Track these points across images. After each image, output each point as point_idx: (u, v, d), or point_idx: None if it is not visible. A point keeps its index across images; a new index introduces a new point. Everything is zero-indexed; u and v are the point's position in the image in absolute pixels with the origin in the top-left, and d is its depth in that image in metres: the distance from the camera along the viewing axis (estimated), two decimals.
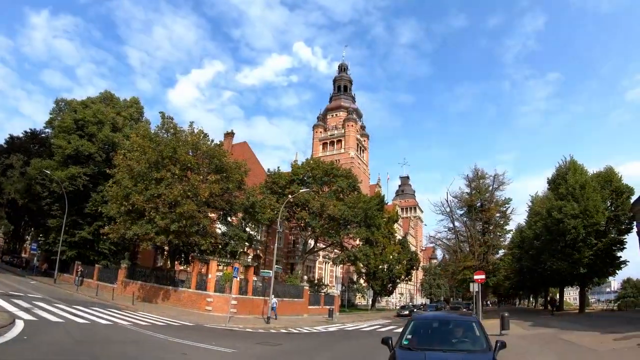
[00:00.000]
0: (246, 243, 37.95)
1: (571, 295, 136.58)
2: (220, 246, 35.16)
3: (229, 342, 16.84)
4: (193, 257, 32.78)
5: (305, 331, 26.01)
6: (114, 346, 14.03)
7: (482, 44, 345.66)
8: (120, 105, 44.02)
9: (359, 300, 69.80)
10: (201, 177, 31.33)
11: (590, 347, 15.45)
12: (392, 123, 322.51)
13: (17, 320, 15.59)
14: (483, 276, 27.31)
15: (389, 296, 69.95)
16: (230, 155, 47.92)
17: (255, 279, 35.77)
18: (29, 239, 52.62)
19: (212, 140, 35.21)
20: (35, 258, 45.79)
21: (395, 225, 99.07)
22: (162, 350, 14.10)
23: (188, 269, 34.14)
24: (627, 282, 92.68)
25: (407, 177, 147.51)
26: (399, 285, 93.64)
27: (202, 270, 32.45)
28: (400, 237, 68.99)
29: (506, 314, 23.80)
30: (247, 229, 39.93)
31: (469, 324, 8.40)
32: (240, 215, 37.33)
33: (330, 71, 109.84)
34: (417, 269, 67.47)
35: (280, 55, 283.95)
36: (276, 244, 32.00)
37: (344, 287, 65.16)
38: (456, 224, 42.10)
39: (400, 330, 10.47)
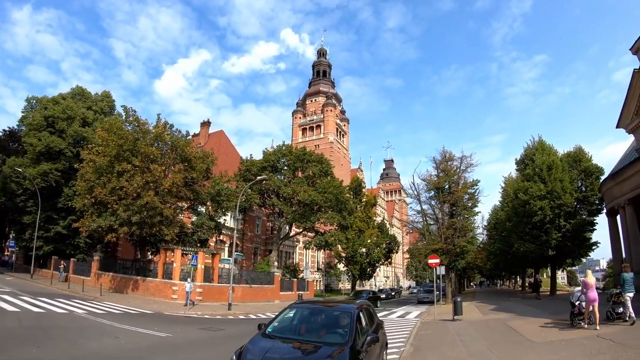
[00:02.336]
0: (214, 231, 38.46)
1: (558, 275, 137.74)
2: (189, 235, 35.94)
3: (172, 328, 17.57)
4: (160, 247, 33.34)
5: (264, 317, 26.69)
6: (55, 331, 14.77)
7: (469, 27, 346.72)
8: (92, 99, 44.46)
9: (342, 285, 70.61)
10: (164, 167, 31.80)
11: (529, 338, 15.17)
12: (380, 107, 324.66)
13: None
14: (437, 260, 27.72)
15: (368, 280, 70.61)
16: (197, 145, 48.61)
17: (231, 267, 36.51)
18: (12, 237, 53.31)
19: (180, 131, 35.59)
20: (13, 255, 46.59)
21: (379, 209, 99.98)
22: (99, 334, 14.77)
23: (157, 258, 34.81)
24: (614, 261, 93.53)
25: (392, 161, 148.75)
26: (383, 268, 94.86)
27: (170, 259, 33.21)
28: (379, 221, 69.15)
29: (459, 299, 23.73)
30: (223, 217, 40.51)
31: (341, 314, 8.21)
32: (209, 204, 37.86)
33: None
34: (397, 252, 67.99)
35: (267, 43, 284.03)
36: (235, 233, 32.79)
37: (323, 273, 66.15)
38: (424, 206, 42.51)
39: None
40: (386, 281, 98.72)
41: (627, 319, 15.91)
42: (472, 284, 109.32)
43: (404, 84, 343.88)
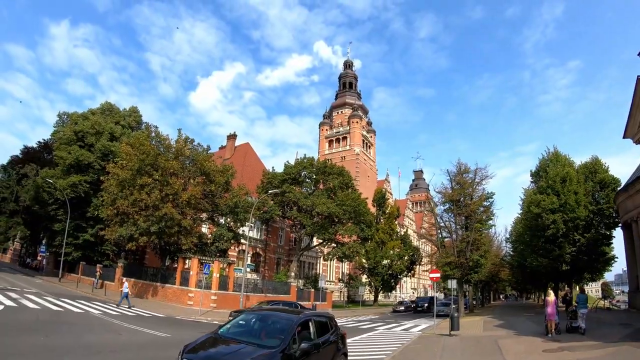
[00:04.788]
0: (232, 241, 39.73)
1: (592, 287, 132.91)
2: (208, 245, 37.49)
3: (175, 330, 18.88)
4: (179, 256, 34.95)
5: None
6: (66, 326, 16.59)
7: (500, 35, 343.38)
8: (120, 114, 46.76)
9: (368, 296, 70.91)
10: (183, 181, 33.50)
11: (506, 358, 15.06)
12: (413, 117, 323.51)
13: None
14: (438, 275, 28.19)
15: (390, 292, 70.72)
16: (222, 158, 50.28)
17: (243, 276, 37.81)
18: (44, 242, 56.31)
19: (201, 145, 37.41)
20: (44, 260, 49.25)
21: (407, 220, 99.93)
22: (104, 331, 16.48)
23: (176, 266, 36.41)
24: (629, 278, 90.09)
25: (421, 171, 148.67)
26: (410, 280, 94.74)
27: (192, 268, 34.68)
28: (402, 233, 69.50)
29: (456, 315, 23.62)
30: (242, 228, 41.75)
31: (285, 321, 9.02)
32: (228, 215, 39.25)
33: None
34: (420, 264, 68.01)
35: (300, 55, 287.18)
36: (247, 243, 33.79)
37: (346, 284, 66.73)
38: (438, 219, 42.70)
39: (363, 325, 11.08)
40: (413, 293, 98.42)
41: (582, 331, 19.89)
42: (501, 296, 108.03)
43: (436, 93, 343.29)
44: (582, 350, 15.52)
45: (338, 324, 11.56)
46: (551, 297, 19.96)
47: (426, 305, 50.75)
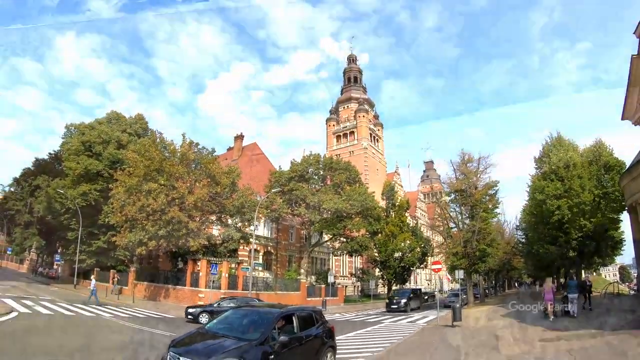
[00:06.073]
0: (241, 241, 40.34)
1: (609, 272, 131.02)
2: (217, 246, 38.16)
3: (180, 329, 19.06)
4: (188, 258, 35.69)
5: None
6: (76, 328, 17.68)
7: (507, 20, 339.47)
8: (126, 122, 47.56)
9: (382, 289, 71.14)
10: (189, 184, 34.22)
11: (500, 350, 14.91)
12: (424, 108, 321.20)
13: (13, 312, 19.85)
14: (440, 266, 28.62)
15: (403, 284, 70.68)
16: (231, 159, 50.90)
17: (250, 275, 38.41)
18: (58, 251, 57.54)
19: (205, 148, 38.25)
20: (59, 268, 50.50)
21: (419, 212, 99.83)
22: (111, 332, 17.42)
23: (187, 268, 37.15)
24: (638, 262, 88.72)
25: (432, 162, 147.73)
26: (424, 272, 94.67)
27: (201, 270, 35.44)
28: (413, 225, 69.60)
29: (457, 306, 24.18)
30: (251, 227, 42.31)
31: (267, 317, 9.69)
32: (237, 216, 39.82)
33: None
34: (432, 256, 67.72)
35: (307, 52, 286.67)
36: (253, 241, 34.35)
37: (359, 278, 67.15)
38: (444, 209, 42.92)
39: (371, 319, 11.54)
40: (428, 284, 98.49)
41: (574, 314, 22.28)
42: (516, 284, 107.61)
43: (445, 83, 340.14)
44: (580, 339, 15.50)
45: (326, 318, 12.07)
46: (549, 284, 22.69)
47: (404, 301, 38.93)
